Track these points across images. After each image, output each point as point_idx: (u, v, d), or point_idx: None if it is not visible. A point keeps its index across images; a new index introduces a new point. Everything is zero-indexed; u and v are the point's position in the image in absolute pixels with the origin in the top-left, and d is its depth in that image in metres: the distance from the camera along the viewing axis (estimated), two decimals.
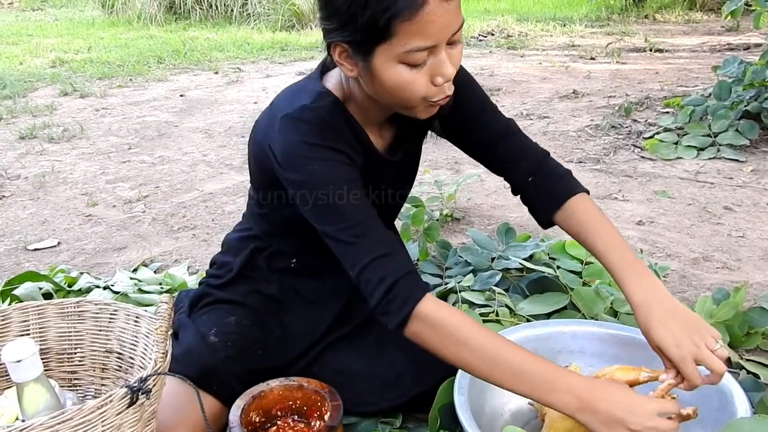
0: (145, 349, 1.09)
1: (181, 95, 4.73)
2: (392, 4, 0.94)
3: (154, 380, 0.89)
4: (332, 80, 1.18)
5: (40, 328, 1.16)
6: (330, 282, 1.37)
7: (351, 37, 1.00)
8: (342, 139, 1.12)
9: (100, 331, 1.15)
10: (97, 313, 1.15)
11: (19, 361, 0.90)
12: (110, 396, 0.83)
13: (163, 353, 0.92)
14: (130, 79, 5.39)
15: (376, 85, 1.05)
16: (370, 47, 0.99)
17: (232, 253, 1.40)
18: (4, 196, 2.90)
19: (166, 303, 0.93)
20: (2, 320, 1.13)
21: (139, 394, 0.86)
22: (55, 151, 3.55)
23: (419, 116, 1.10)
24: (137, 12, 8.56)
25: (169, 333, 0.92)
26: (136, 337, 1.11)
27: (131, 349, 1.12)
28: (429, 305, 1.04)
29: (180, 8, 8.63)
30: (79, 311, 1.16)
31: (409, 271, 1.06)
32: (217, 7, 8.56)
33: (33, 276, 1.81)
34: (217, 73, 5.56)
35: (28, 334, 1.15)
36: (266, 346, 1.34)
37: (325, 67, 1.21)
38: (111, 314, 1.14)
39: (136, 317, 1.11)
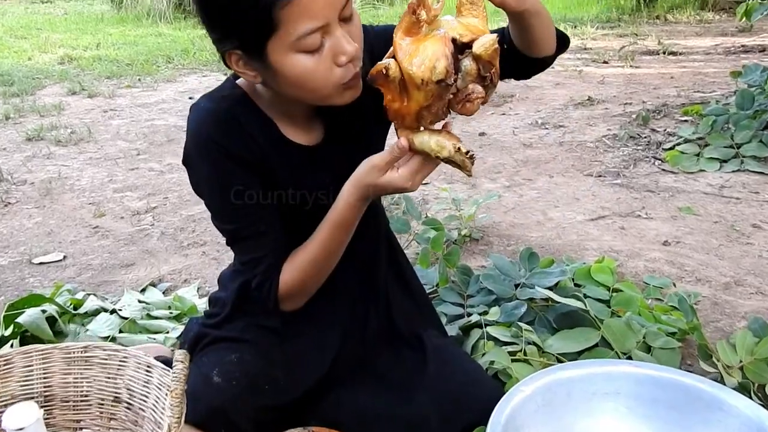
0: (157, 402, 1.02)
1: (190, 98, 4.65)
2: None
3: None
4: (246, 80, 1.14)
5: (44, 373, 1.09)
6: (326, 302, 1.30)
7: (239, 41, 0.97)
8: (240, 136, 1.08)
9: (109, 378, 1.08)
10: (106, 359, 1.08)
11: (21, 429, 0.83)
12: None
13: (178, 418, 0.84)
14: (139, 79, 5.32)
15: (282, 84, 1.01)
16: (260, 46, 0.95)
17: (225, 290, 1.34)
18: (9, 203, 2.83)
19: (182, 362, 0.86)
20: (5, 364, 1.07)
21: None
22: (62, 154, 3.49)
23: (340, 102, 1.04)
24: (146, 8, 8.49)
25: (185, 394, 0.85)
26: (147, 387, 1.04)
27: (142, 400, 1.05)
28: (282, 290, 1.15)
29: (189, 5, 8.53)
30: (87, 356, 1.09)
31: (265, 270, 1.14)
32: None
33: (37, 299, 1.74)
34: (225, 74, 5.47)
35: (32, 379, 1.08)
36: (273, 379, 1.27)
37: None
38: (120, 361, 1.07)
39: (148, 367, 1.04)
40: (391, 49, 0.95)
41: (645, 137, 3.41)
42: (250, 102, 1.12)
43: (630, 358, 1.51)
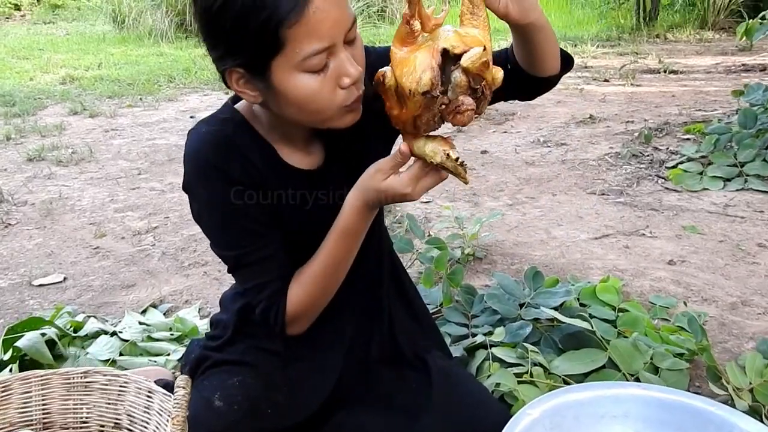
0: (158, 429, 1.00)
1: (191, 117, 4.65)
2: (274, 11, 0.89)
3: None
4: (243, 102, 1.13)
5: (43, 399, 1.07)
6: (329, 324, 1.27)
7: (242, 58, 0.95)
8: (239, 160, 1.06)
9: (109, 404, 1.06)
10: (106, 385, 1.06)
11: None
12: None
13: None
14: (140, 99, 5.33)
15: (284, 105, 1.00)
16: (265, 64, 0.94)
17: (227, 312, 1.32)
18: (10, 224, 2.82)
19: (183, 388, 0.84)
20: (3, 391, 1.05)
21: None
22: (63, 174, 3.48)
23: (340, 126, 1.03)
24: (148, 28, 8.52)
25: (186, 420, 0.83)
26: (148, 413, 1.02)
27: (143, 426, 1.03)
28: (290, 314, 1.12)
29: (191, 25, 8.56)
30: (87, 382, 1.07)
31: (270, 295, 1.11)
32: None
33: (36, 322, 1.72)
34: (227, 93, 5.49)
35: (30, 406, 1.06)
36: (275, 403, 1.24)
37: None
38: (121, 386, 1.06)
39: (149, 392, 1.03)
40: None
41: (647, 155, 3.41)
42: (248, 126, 1.11)
43: (638, 379, 1.49)
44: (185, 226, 2.70)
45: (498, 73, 0.94)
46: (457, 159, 0.95)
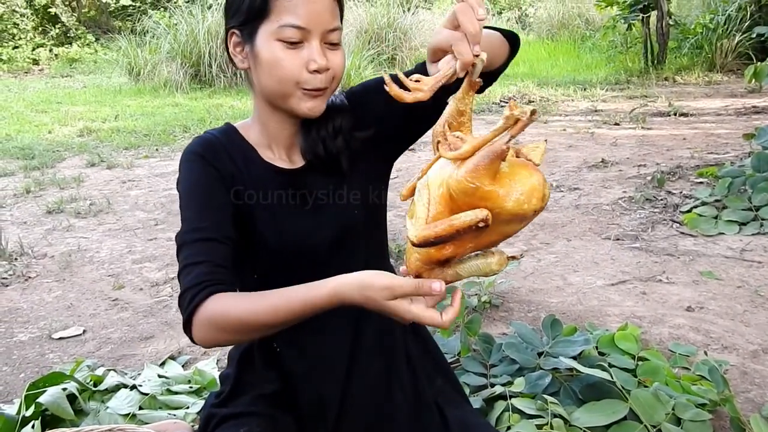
0: None
1: None
2: None
3: None
4: (240, 121, 1.24)
5: None
6: (315, 357, 1.27)
7: (238, 20, 1.12)
8: (225, 157, 1.16)
9: None
10: None
11: None
12: None
13: None
14: (156, 149, 5.42)
15: (259, 70, 1.12)
16: (254, 28, 1.10)
17: (232, 364, 1.34)
18: (30, 277, 2.85)
19: None
20: None
21: None
22: (81, 226, 3.53)
23: (302, 110, 1.12)
24: (163, 79, 8.71)
25: None
26: None
27: None
28: (204, 310, 1.01)
29: (205, 75, 8.78)
30: None
31: (200, 282, 1.02)
32: (241, 74, 8.65)
33: (57, 377, 1.73)
34: None
35: None
36: None
37: None
38: None
39: None
40: (437, 197, 0.87)
41: (661, 199, 3.41)
42: (237, 134, 1.21)
43: (659, 431, 1.47)
44: None
45: None
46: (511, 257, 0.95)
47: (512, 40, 1.14)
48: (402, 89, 0.93)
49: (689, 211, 3.15)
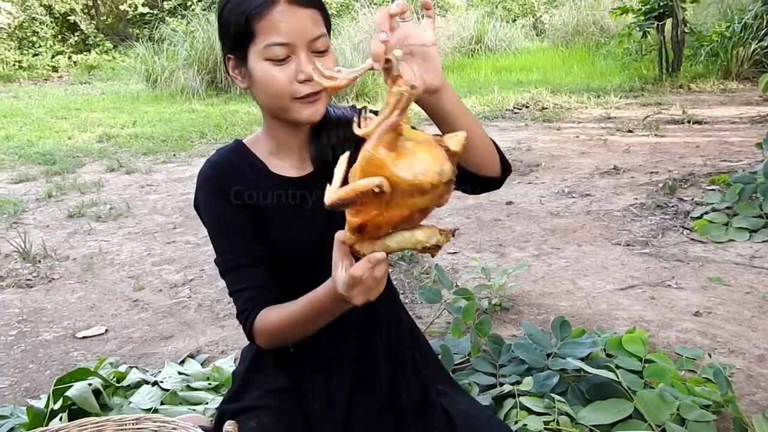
0: None
1: None
2: (248, 6, 1.12)
3: None
4: (249, 136, 1.33)
5: None
6: (328, 356, 1.34)
7: (230, 45, 1.18)
8: (235, 176, 1.24)
9: None
10: (156, 431, 1.13)
11: None
12: None
13: None
14: (174, 155, 5.51)
15: (256, 88, 1.18)
16: (244, 51, 1.15)
17: (244, 362, 1.41)
18: (53, 279, 2.94)
19: (231, 429, 0.90)
20: None
21: None
22: (102, 230, 3.61)
23: (302, 118, 1.17)
24: (180, 86, 8.83)
25: None
26: None
27: None
28: (258, 325, 1.20)
29: (221, 82, 8.89)
30: (138, 428, 1.14)
31: (246, 308, 1.21)
32: None
33: (83, 373, 1.80)
34: None
35: None
36: None
37: None
38: None
39: None
40: (353, 171, 0.94)
41: (672, 206, 3.45)
42: (246, 150, 1.29)
43: (664, 431, 1.52)
44: (220, 278, 2.78)
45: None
46: (455, 231, 1.02)
47: (504, 162, 1.19)
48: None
49: (700, 217, 3.18)
